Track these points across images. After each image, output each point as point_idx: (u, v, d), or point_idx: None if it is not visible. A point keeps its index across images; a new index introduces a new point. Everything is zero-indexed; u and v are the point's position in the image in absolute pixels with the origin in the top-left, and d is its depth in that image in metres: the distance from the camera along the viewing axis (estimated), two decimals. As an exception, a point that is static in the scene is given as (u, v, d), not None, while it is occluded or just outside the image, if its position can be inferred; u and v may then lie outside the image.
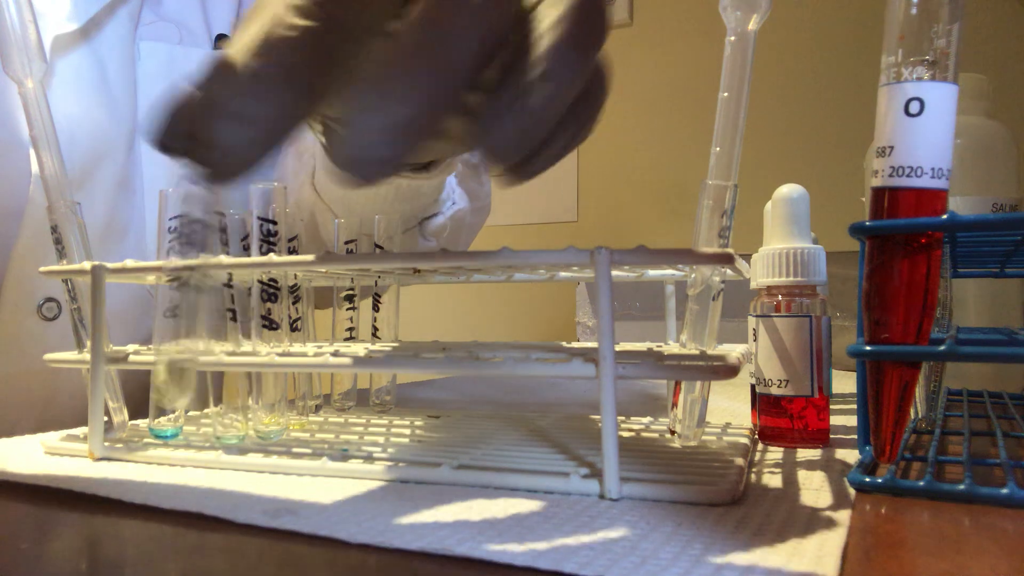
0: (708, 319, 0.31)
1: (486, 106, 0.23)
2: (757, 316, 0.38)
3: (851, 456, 0.34)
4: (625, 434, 0.37)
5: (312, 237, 0.57)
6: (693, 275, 0.31)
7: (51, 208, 0.37)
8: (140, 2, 0.57)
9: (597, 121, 0.26)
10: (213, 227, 0.35)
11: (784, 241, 0.38)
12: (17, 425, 0.52)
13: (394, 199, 0.48)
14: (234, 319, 0.36)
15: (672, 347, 0.35)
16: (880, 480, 0.28)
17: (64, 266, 0.36)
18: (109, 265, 0.34)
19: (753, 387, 0.38)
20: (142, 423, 0.40)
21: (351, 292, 0.44)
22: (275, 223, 0.36)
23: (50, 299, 0.52)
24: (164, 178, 0.57)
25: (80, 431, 0.39)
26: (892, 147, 0.27)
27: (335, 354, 0.32)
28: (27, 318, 0.52)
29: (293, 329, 0.41)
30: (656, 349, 0.35)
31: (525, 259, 0.29)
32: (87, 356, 0.35)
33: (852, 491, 0.28)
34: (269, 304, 0.35)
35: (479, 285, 0.43)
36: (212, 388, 0.36)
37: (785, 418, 0.37)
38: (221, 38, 0.61)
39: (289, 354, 0.33)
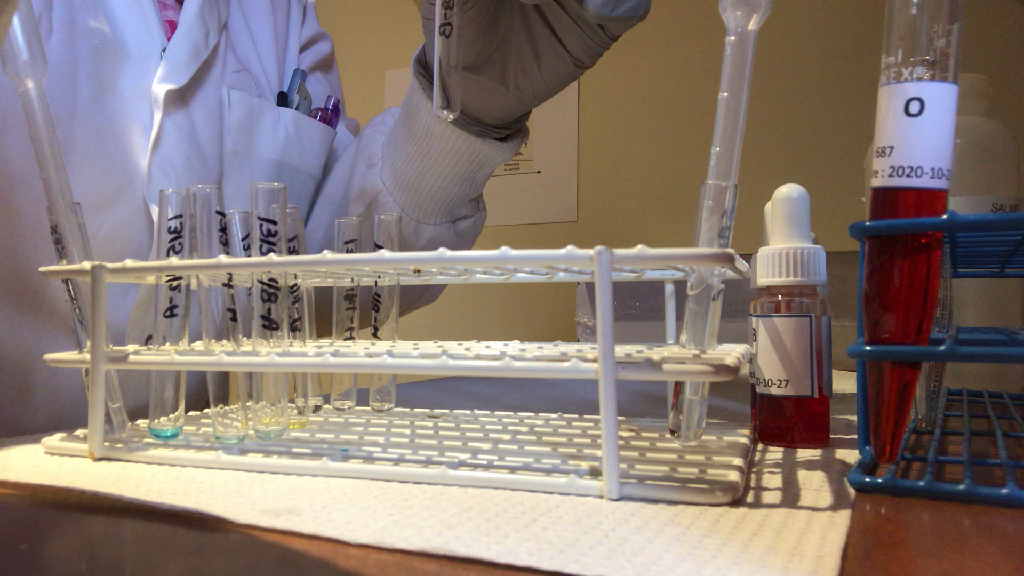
0: (708, 319, 0.31)
1: None
2: (757, 316, 0.38)
3: (851, 456, 0.34)
4: (625, 434, 0.37)
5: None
6: (693, 275, 0.31)
7: (51, 208, 0.37)
8: (222, 56, 0.59)
9: None
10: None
11: (784, 241, 0.38)
12: (17, 425, 0.52)
13: (458, 180, 0.54)
14: (234, 319, 0.36)
15: (672, 347, 0.35)
16: (880, 480, 0.28)
17: (64, 266, 0.36)
18: (109, 265, 0.34)
19: (753, 387, 0.38)
20: (142, 423, 0.40)
21: (351, 292, 0.44)
22: (275, 223, 0.36)
23: (45, 298, 0.52)
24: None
25: (80, 431, 0.39)
26: (892, 147, 0.27)
27: (335, 354, 0.32)
28: (24, 318, 0.52)
29: (293, 329, 0.41)
30: (656, 349, 0.35)
31: (525, 259, 0.29)
32: (87, 356, 0.35)
33: (852, 491, 0.28)
34: (269, 304, 0.35)
35: (479, 285, 0.43)
36: (212, 388, 0.36)
37: (785, 418, 0.37)
38: (283, 97, 0.62)
39: (289, 354, 0.33)
